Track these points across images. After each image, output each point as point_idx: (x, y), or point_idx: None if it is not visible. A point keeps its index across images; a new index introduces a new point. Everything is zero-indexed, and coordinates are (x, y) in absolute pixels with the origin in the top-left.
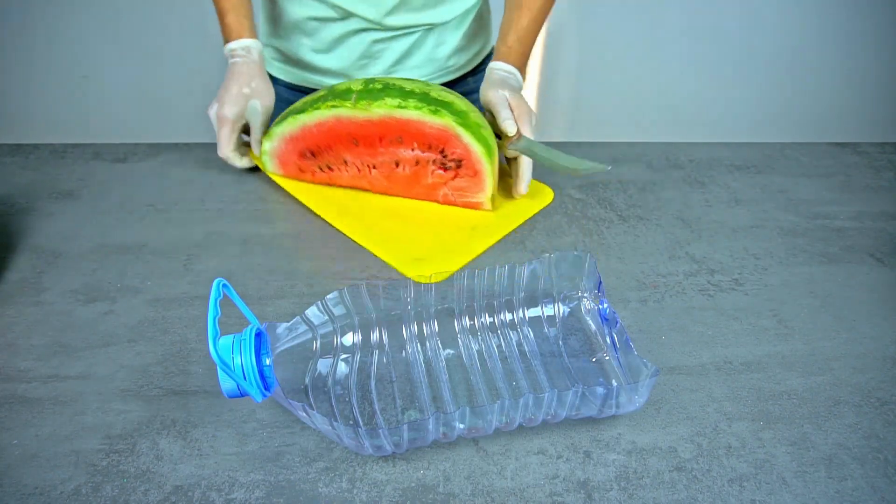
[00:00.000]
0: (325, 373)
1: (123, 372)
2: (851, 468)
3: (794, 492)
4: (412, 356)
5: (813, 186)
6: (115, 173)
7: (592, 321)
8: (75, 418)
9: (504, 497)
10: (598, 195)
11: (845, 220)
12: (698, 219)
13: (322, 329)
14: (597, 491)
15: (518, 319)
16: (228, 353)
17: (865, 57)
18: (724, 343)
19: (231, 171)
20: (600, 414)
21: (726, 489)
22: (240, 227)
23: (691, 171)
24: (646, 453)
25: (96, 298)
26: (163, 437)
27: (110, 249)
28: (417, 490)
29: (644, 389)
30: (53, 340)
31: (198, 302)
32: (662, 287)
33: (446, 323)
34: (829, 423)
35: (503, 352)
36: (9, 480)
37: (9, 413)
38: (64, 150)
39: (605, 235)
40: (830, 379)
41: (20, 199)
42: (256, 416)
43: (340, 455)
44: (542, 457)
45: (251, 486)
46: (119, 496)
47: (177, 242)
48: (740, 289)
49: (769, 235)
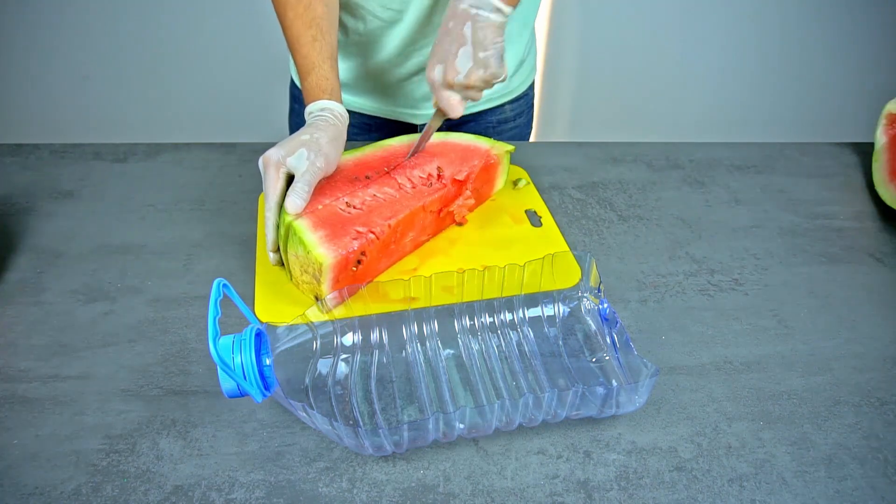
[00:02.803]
0: (325, 373)
1: (123, 372)
2: (851, 468)
3: (794, 492)
4: (412, 356)
5: (813, 186)
6: (115, 173)
7: (592, 321)
8: (75, 418)
9: (504, 497)
10: (598, 195)
11: (845, 220)
12: (698, 219)
13: (322, 329)
14: (597, 491)
15: (518, 319)
16: (228, 353)
17: (866, 57)
18: (724, 343)
19: (231, 171)
20: (600, 414)
21: (726, 489)
22: (240, 227)
23: (691, 171)
24: (646, 453)
25: (96, 298)
26: (163, 437)
27: (110, 249)
28: (417, 490)
29: (644, 389)
30: (53, 340)
31: (198, 302)
32: (662, 287)
33: (446, 323)
34: (829, 423)
35: (503, 352)
36: (9, 480)
37: (9, 413)
38: (64, 150)
39: (605, 235)
40: (830, 379)
41: (20, 199)
42: (256, 416)
43: (340, 455)
44: (542, 457)
45: (251, 486)
46: (119, 496)
47: (177, 242)
48: (740, 289)
49: (769, 235)
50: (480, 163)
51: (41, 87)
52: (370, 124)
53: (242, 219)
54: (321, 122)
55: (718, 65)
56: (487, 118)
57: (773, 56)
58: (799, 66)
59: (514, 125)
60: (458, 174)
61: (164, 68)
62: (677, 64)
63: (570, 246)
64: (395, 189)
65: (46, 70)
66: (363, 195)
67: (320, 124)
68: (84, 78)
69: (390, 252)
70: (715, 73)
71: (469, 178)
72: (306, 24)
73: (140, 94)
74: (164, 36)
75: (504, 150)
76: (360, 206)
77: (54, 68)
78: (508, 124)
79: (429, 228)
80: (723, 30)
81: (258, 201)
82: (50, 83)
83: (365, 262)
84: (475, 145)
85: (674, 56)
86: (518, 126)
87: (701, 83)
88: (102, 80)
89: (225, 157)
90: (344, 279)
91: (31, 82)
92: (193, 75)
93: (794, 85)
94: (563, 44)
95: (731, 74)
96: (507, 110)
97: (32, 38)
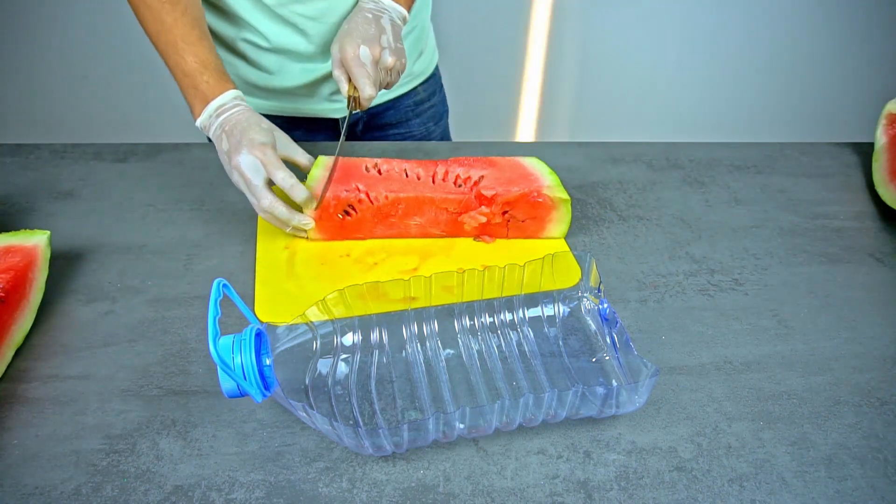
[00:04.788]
0: (325, 373)
1: (123, 372)
2: (851, 468)
3: (794, 492)
4: (412, 356)
5: (813, 186)
6: (115, 173)
7: (592, 321)
8: (75, 418)
9: (504, 497)
10: (598, 195)
11: (845, 220)
12: (698, 219)
13: (322, 329)
14: (597, 491)
15: (518, 319)
16: (228, 353)
17: (865, 57)
18: (724, 343)
19: None
20: (600, 414)
21: (726, 489)
22: (240, 227)
23: (691, 171)
24: (646, 453)
25: (96, 298)
26: (163, 437)
27: (110, 249)
28: (417, 490)
29: (644, 389)
30: (53, 340)
31: (198, 302)
32: (662, 287)
33: (446, 323)
34: (829, 423)
35: (503, 352)
36: (9, 480)
37: (9, 413)
38: (64, 150)
39: (605, 235)
40: (830, 379)
41: (20, 199)
42: (256, 416)
43: (340, 455)
44: (542, 457)
45: (251, 486)
46: (119, 496)
47: (177, 242)
48: (740, 289)
49: (769, 235)
50: (519, 191)
51: (41, 87)
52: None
53: (242, 219)
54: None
55: (718, 65)
56: (404, 102)
57: (773, 56)
58: (799, 66)
59: (429, 104)
60: (487, 190)
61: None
62: (678, 64)
63: (570, 246)
64: (420, 176)
65: (46, 70)
66: (393, 167)
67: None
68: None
69: (390, 224)
70: (715, 73)
71: (496, 198)
72: (189, 25)
73: (140, 94)
74: None
75: (558, 195)
76: (382, 172)
77: (54, 68)
78: (425, 105)
79: (442, 225)
80: (723, 30)
81: None
82: (50, 83)
83: (354, 218)
84: (532, 176)
85: (674, 56)
86: (434, 105)
87: (701, 83)
88: (102, 80)
89: None
90: (329, 225)
91: (31, 82)
92: None
93: (794, 85)
94: (563, 44)
95: (731, 74)
96: (420, 92)
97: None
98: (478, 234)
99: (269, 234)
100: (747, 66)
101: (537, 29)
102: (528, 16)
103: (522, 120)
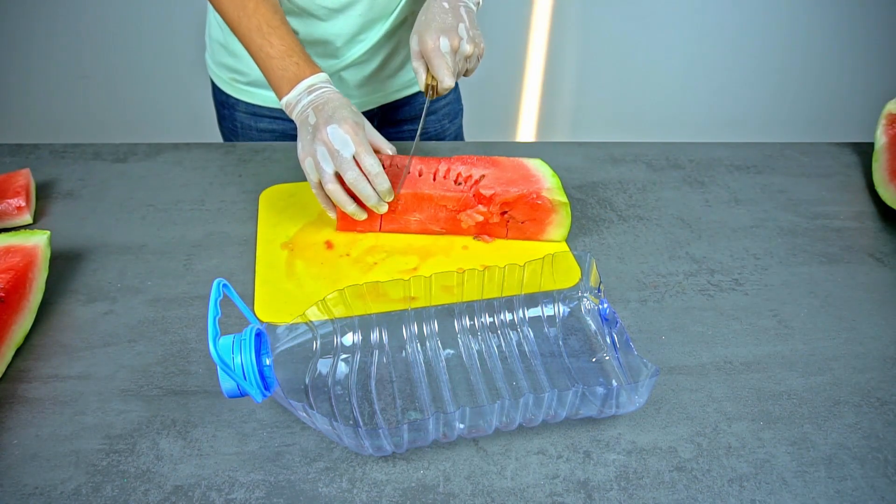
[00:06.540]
0: (325, 373)
1: (123, 372)
2: (851, 468)
3: (794, 492)
4: (412, 356)
5: (813, 186)
6: (115, 173)
7: (592, 321)
8: (75, 418)
9: (504, 497)
10: (598, 195)
11: (845, 220)
12: (698, 219)
13: (322, 329)
14: (597, 491)
15: (518, 319)
16: (228, 353)
17: (865, 57)
18: (724, 343)
19: (231, 171)
20: (600, 414)
21: (726, 489)
22: (240, 227)
23: (691, 171)
24: (646, 453)
25: (96, 298)
26: (163, 437)
27: (110, 249)
28: (417, 490)
29: (644, 389)
30: (53, 340)
31: (198, 302)
32: (662, 287)
33: (446, 323)
34: (829, 423)
35: (503, 352)
36: (9, 480)
37: (9, 413)
38: (64, 150)
39: (605, 235)
40: (830, 379)
41: None
42: (256, 416)
43: (340, 455)
44: (542, 457)
45: (251, 486)
46: (119, 496)
47: (177, 242)
48: (740, 289)
49: (769, 235)
50: (518, 192)
51: (41, 87)
52: None
53: (242, 219)
54: (335, 92)
55: (718, 65)
56: (420, 98)
57: (772, 56)
58: (799, 66)
59: (445, 101)
60: (485, 189)
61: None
62: (677, 64)
63: (570, 246)
64: (422, 173)
65: (46, 70)
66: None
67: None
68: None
69: (392, 218)
70: (715, 74)
71: (494, 198)
72: (271, 11)
73: (140, 94)
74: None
75: (557, 198)
76: (388, 165)
77: (54, 68)
78: (440, 101)
79: (441, 222)
80: (723, 30)
81: (258, 201)
82: (50, 83)
83: None
84: (533, 177)
85: (674, 56)
86: (449, 102)
87: (701, 83)
88: (102, 80)
89: (225, 157)
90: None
91: (31, 82)
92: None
93: (794, 85)
94: (563, 44)
95: (731, 74)
96: None
97: (32, 38)
98: (476, 232)
99: (269, 234)
100: (747, 66)
101: (538, 29)
102: (529, 16)
103: (523, 120)
